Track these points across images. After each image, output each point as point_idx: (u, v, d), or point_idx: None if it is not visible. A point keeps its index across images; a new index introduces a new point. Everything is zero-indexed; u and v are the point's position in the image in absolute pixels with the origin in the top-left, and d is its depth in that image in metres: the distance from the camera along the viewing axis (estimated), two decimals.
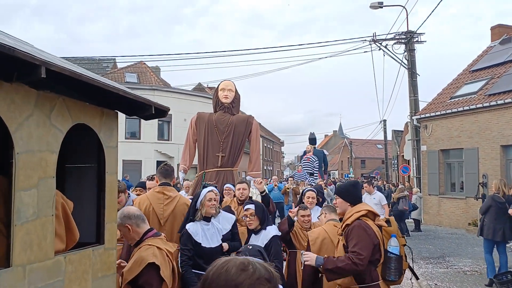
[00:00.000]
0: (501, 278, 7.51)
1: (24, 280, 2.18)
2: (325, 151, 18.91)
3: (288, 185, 17.11)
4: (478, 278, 9.63)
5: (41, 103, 2.31)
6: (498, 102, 16.75)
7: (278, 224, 5.53)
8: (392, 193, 18.68)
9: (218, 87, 8.25)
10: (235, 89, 8.23)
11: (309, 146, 17.02)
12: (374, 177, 38.95)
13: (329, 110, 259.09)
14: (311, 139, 16.62)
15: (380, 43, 22.49)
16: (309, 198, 6.32)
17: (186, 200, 5.01)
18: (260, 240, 4.62)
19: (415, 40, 22.24)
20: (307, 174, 16.25)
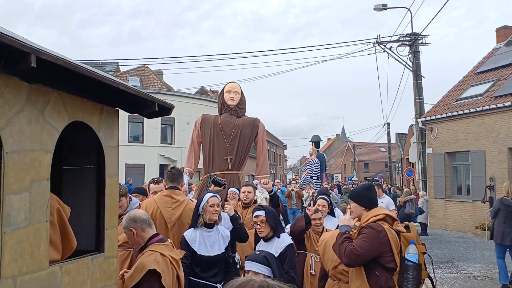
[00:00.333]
0: None
1: None
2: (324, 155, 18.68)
3: (292, 188, 16.83)
4: (490, 284, 9.39)
5: (34, 98, 2.10)
6: (506, 104, 16.54)
7: (294, 221, 5.32)
8: (398, 197, 18.42)
9: (224, 89, 8.16)
10: (241, 91, 8.14)
11: (311, 150, 16.82)
12: (378, 180, 38.65)
13: (332, 114, 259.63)
14: (316, 142, 16.42)
15: (385, 45, 22.28)
16: (320, 206, 6.11)
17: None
18: (274, 248, 4.37)
19: (420, 42, 22.03)
20: (310, 177, 16.04)
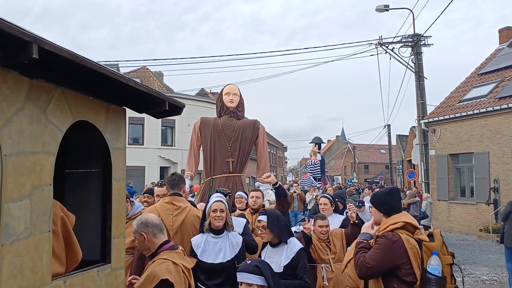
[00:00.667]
0: None
1: None
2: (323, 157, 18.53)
3: (294, 190, 16.61)
4: None
5: (35, 95, 1.89)
6: (510, 105, 16.41)
7: None
8: (402, 199, 18.23)
9: (222, 91, 8.12)
10: (240, 93, 8.08)
11: (311, 151, 16.71)
12: (378, 182, 38.48)
13: (332, 115, 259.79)
14: (319, 144, 16.31)
15: (387, 46, 22.10)
16: (321, 205, 5.90)
17: (198, 212, 4.70)
18: (284, 254, 4.21)
19: (422, 43, 21.85)
20: (313, 179, 15.90)
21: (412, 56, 21.89)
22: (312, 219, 5.18)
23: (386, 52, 22.31)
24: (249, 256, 4.75)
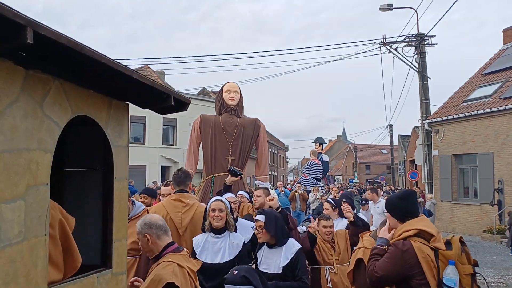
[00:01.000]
0: None
1: None
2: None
3: (296, 190, 16.46)
4: None
5: (31, 87, 1.73)
6: None
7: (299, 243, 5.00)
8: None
9: (223, 89, 8.05)
10: (240, 91, 8.02)
11: (311, 151, 16.59)
12: (380, 182, 38.38)
13: (333, 116, 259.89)
14: (322, 144, 16.18)
15: (390, 46, 21.96)
16: (324, 210, 5.80)
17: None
18: (283, 254, 4.11)
19: (426, 43, 21.70)
20: (315, 180, 15.77)
21: (416, 56, 21.76)
22: (316, 219, 5.08)
23: (390, 52, 22.20)
24: None
